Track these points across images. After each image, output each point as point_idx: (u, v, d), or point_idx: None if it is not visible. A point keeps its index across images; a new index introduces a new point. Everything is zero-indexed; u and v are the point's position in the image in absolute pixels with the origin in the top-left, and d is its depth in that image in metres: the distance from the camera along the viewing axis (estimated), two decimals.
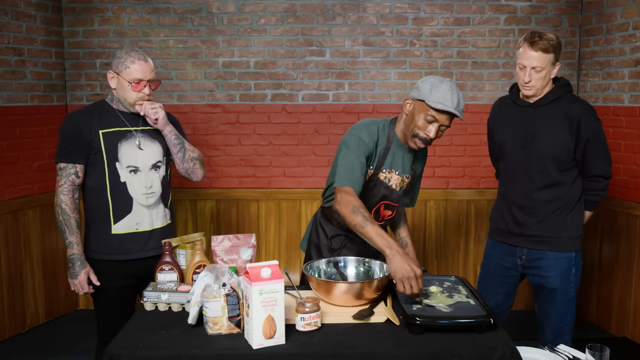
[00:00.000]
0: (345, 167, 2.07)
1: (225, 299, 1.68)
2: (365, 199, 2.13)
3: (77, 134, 2.23)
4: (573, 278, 2.45)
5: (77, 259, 2.24)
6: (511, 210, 2.50)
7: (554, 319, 2.48)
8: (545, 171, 2.39)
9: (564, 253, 2.43)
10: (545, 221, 2.43)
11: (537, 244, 2.45)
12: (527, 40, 2.31)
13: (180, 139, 2.36)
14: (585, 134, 2.35)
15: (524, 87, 2.37)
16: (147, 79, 2.25)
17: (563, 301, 2.46)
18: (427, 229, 4.02)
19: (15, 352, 3.41)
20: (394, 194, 2.23)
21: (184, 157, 2.37)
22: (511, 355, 1.60)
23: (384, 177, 2.20)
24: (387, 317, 1.79)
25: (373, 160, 2.17)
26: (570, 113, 2.35)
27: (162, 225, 2.39)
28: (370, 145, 2.12)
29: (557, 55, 2.33)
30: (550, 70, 2.34)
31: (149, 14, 3.86)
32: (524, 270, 2.53)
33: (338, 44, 3.89)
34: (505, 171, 2.55)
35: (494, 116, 2.62)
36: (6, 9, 3.47)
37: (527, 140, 2.40)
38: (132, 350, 1.60)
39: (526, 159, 2.42)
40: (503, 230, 2.55)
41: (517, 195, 2.47)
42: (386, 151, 2.17)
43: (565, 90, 2.41)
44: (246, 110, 3.95)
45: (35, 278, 3.74)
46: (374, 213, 2.24)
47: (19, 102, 3.60)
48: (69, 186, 2.25)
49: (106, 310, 2.34)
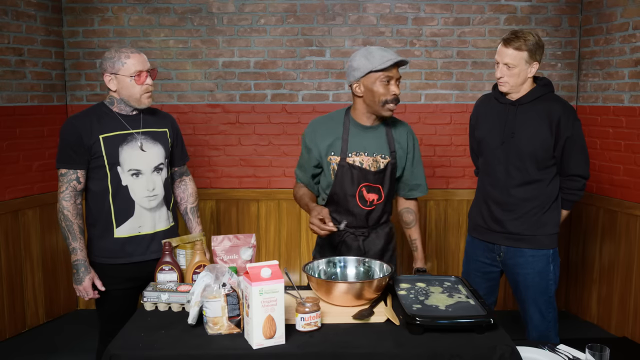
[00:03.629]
0: (298, 163, 2.42)
1: (225, 299, 1.68)
2: (343, 185, 2.26)
3: (77, 139, 2.21)
4: (552, 275, 2.49)
5: (81, 265, 2.24)
6: (489, 206, 2.53)
7: (536, 317, 2.52)
8: (524, 168, 2.42)
9: (541, 250, 2.47)
10: (522, 219, 2.46)
11: (514, 242, 2.48)
12: (504, 38, 2.39)
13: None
14: (564, 133, 2.38)
15: (498, 83, 2.45)
16: (146, 69, 2.24)
17: (544, 298, 2.49)
18: (427, 229, 4.02)
19: (15, 352, 3.41)
20: (370, 175, 2.26)
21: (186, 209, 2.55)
22: (511, 355, 1.60)
23: (353, 161, 2.26)
24: (387, 317, 1.79)
25: (331, 148, 2.27)
26: (550, 112, 2.39)
27: (165, 228, 2.38)
28: (311, 140, 2.30)
29: (533, 54, 2.36)
30: (526, 69, 2.37)
31: (149, 14, 3.87)
32: (502, 267, 2.57)
33: (338, 44, 3.89)
34: (484, 167, 2.59)
35: (476, 113, 2.66)
36: (6, 9, 3.47)
37: (506, 137, 2.44)
38: (132, 350, 1.60)
39: (505, 155, 2.45)
40: (481, 227, 2.58)
41: (495, 191, 2.51)
42: (346, 136, 2.26)
43: (547, 89, 2.46)
44: (246, 110, 3.95)
45: (35, 278, 3.74)
46: (359, 199, 2.27)
47: (19, 102, 3.60)
48: (70, 192, 2.24)
49: (108, 311, 2.33)
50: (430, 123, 3.96)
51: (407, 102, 3.93)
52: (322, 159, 2.30)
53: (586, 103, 3.85)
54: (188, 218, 2.52)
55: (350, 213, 2.29)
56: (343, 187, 2.26)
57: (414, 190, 2.43)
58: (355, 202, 2.27)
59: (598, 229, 3.76)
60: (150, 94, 2.28)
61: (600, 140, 3.71)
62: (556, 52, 3.90)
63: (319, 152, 2.30)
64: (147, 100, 2.27)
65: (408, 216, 2.45)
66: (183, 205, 2.53)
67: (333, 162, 2.27)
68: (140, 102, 2.26)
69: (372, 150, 2.28)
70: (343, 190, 2.27)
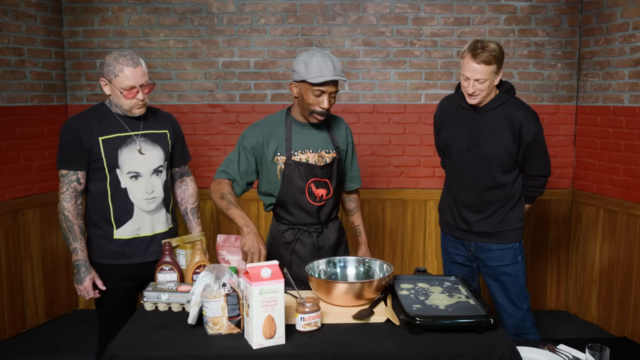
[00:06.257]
0: (225, 160, 2.31)
1: (225, 299, 1.68)
2: (292, 183, 2.27)
3: (77, 141, 2.21)
4: (520, 266, 2.59)
5: (82, 265, 2.24)
6: (458, 207, 2.62)
7: (510, 307, 2.61)
8: (489, 173, 2.51)
9: (508, 244, 2.57)
10: (489, 218, 2.56)
11: (482, 237, 2.59)
12: (470, 51, 2.36)
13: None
14: (526, 139, 2.46)
15: (469, 97, 2.45)
16: (140, 84, 2.18)
17: (516, 289, 2.59)
18: (427, 229, 4.02)
19: (15, 352, 3.41)
20: (317, 170, 2.29)
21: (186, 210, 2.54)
22: (511, 355, 1.61)
23: (299, 158, 2.28)
24: (387, 317, 1.79)
25: (276, 149, 2.27)
26: (512, 118, 2.45)
27: (164, 230, 2.38)
28: (255, 141, 2.26)
29: (500, 64, 2.39)
30: (494, 79, 2.40)
31: (149, 14, 3.87)
32: (475, 261, 2.67)
33: (338, 44, 3.89)
34: (452, 170, 2.67)
35: (441, 113, 2.71)
36: (6, 9, 3.47)
37: (472, 144, 2.51)
38: (132, 350, 1.60)
39: (471, 161, 2.52)
40: (451, 224, 2.68)
41: (463, 194, 2.59)
42: (289, 136, 2.28)
43: (509, 95, 2.50)
44: (246, 110, 3.95)
45: (35, 278, 3.74)
46: (309, 195, 2.30)
47: (19, 102, 3.60)
48: (71, 193, 2.24)
49: (108, 311, 2.34)
50: (430, 123, 3.92)
51: (407, 102, 3.93)
52: (267, 162, 2.28)
53: (586, 103, 3.85)
54: (188, 219, 2.52)
55: (301, 210, 2.32)
56: (292, 185, 2.28)
57: (352, 182, 2.52)
58: (306, 198, 2.29)
59: (598, 229, 3.75)
60: (142, 105, 2.24)
61: (600, 140, 3.71)
62: (556, 52, 3.90)
63: (264, 155, 2.27)
64: (137, 111, 2.24)
65: (350, 204, 2.56)
66: (183, 206, 2.53)
67: (280, 162, 2.28)
68: (130, 112, 2.25)
69: (317, 146, 2.31)
70: (292, 189, 2.29)
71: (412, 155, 3.98)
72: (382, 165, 3.99)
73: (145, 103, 2.26)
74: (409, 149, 3.98)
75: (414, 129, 3.96)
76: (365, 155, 3.96)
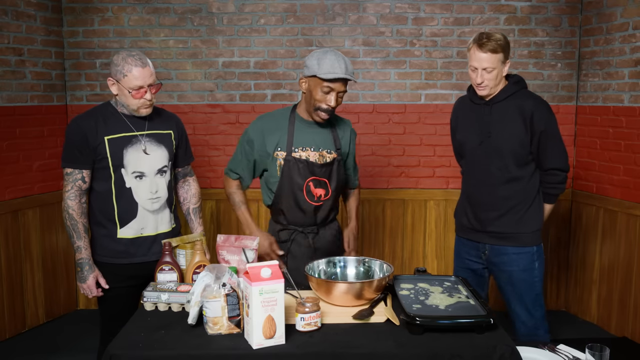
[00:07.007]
0: (232, 157, 2.44)
1: (225, 299, 1.68)
2: (291, 179, 2.29)
3: (82, 140, 2.22)
4: (537, 272, 2.49)
5: (86, 264, 2.25)
6: (472, 206, 2.56)
7: (523, 314, 2.52)
8: (504, 167, 2.44)
9: (524, 248, 2.47)
10: (505, 217, 2.47)
11: (498, 240, 2.50)
12: (475, 42, 2.36)
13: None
14: (538, 128, 2.40)
15: (477, 87, 2.43)
16: (148, 84, 2.20)
17: (531, 296, 2.50)
18: (427, 229, 4.02)
19: (15, 352, 3.41)
20: (316, 168, 2.29)
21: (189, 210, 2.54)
22: (511, 355, 1.61)
23: (299, 155, 2.29)
24: (387, 317, 1.79)
25: (277, 144, 2.30)
26: (523, 108, 2.41)
27: (167, 230, 2.38)
28: (257, 134, 2.32)
29: (506, 53, 2.38)
30: (501, 68, 2.39)
31: (149, 14, 3.87)
32: (488, 265, 2.59)
33: (338, 44, 3.89)
34: (467, 168, 2.62)
35: (455, 115, 2.68)
36: (6, 9, 3.47)
37: (484, 137, 2.46)
38: (132, 350, 1.60)
39: (484, 155, 2.47)
40: (466, 227, 2.61)
41: (477, 191, 2.53)
42: (292, 132, 2.29)
43: (520, 86, 2.47)
44: (246, 110, 3.95)
45: (35, 278, 3.74)
46: (307, 194, 2.30)
47: (19, 102, 3.60)
48: (75, 191, 2.24)
49: (110, 310, 2.34)
50: (430, 123, 3.96)
51: (407, 102, 3.93)
52: (267, 156, 2.32)
53: (586, 103, 3.85)
54: (190, 218, 2.53)
55: (299, 209, 2.33)
56: (290, 182, 2.29)
57: (349, 182, 2.55)
58: (303, 197, 2.30)
59: (598, 229, 3.75)
60: (149, 105, 2.26)
61: (600, 140, 3.71)
62: (556, 52, 3.90)
63: (264, 149, 2.31)
64: (144, 110, 2.26)
65: (346, 192, 2.60)
66: (185, 206, 2.53)
67: (280, 158, 2.29)
68: (137, 112, 2.26)
69: (318, 145, 2.32)
70: (290, 185, 2.29)
71: (412, 155, 3.98)
72: (382, 165, 3.99)
73: (152, 103, 2.27)
74: (409, 149, 3.98)
75: (414, 129, 3.96)
76: (365, 155, 3.96)
